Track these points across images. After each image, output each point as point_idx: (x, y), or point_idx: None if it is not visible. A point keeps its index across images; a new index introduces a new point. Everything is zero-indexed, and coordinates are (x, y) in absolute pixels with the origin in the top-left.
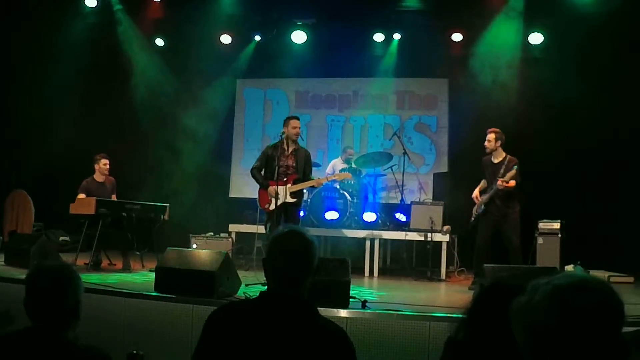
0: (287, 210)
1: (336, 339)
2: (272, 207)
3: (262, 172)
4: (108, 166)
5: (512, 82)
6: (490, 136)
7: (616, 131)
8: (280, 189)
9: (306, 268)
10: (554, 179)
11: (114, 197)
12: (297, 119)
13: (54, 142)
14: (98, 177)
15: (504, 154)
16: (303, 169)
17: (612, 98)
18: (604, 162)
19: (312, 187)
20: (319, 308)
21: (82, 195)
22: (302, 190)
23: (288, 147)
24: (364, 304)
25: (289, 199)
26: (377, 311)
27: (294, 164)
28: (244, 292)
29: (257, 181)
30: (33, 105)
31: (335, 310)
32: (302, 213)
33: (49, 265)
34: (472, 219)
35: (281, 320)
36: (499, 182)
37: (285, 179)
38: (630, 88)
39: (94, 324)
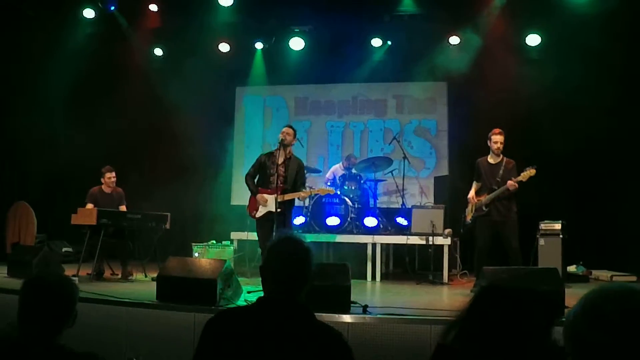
0: (276, 219)
1: (334, 343)
2: (259, 214)
3: (256, 179)
4: (114, 179)
5: (511, 84)
6: (502, 137)
7: (617, 131)
8: (269, 197)
9: (303, 275)
10: (555, 180)
11: (122, 208)
12: (289, 127)
13: (55, 153)
14: (105, 188)
15: (501, 156)
16: (294, 179)
17: (612, 98)
18: (605, 161)
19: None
20: (320, 314)
21: (90, 205)
22: (290, 200)
23: (280, 156)
24: (365, 308)
25: (277, 210)
26: (378, 315)
27: (285, 174)
28: (245, 300)
29: (249, 188)
30: (33, 117)
31: (336, 315)
32: (302, 219)
33: (44, 274)
34: (469, 220)
35: (278, 325)
36: (511, 183)
37: (274, 188)
38: (630, 88)
39: (96, 333)
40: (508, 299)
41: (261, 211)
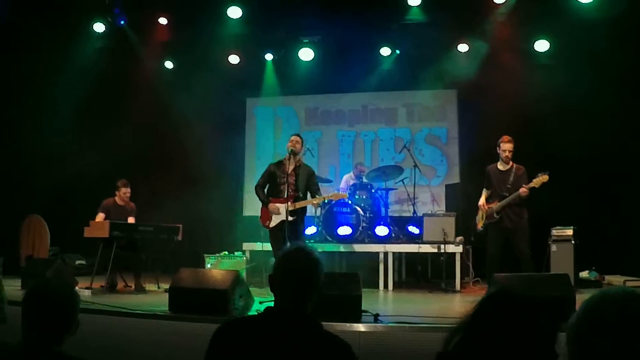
0: (288, 228)
1: (340, 353)
2: (272, 224)
3: (266, 189)
4: (129, 194)
5: (520, 90)
6: (511, 145)
7: (627, 135)
8: (281, 206)
9: (311, 285)
10: (566, 186)
11: (130, 220)
12: (297, 135)
13: (65, 165)
14: (119, 200)
15: (511, 162)
16: (305, 186)
17: (622, 102)
18: (616, 166)
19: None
20: (331, 323)
21: (101, 216)
22: (302, 208)
23: (289, 165)
24: (376, 317)
25: (288, 218)
26: (389, 324)
27: (295, 182)
28: (256, 310)
29: (259, 198)
30: (44, 130)
31: (348, 324)
32: (314, 229)
33: (45, 283)
34: (480, 228)
35: (285, 335)
36: (523, 190)
37: (285, 197)
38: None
39: (110, 345)
40: (513, 304)
41: (274, 220)
